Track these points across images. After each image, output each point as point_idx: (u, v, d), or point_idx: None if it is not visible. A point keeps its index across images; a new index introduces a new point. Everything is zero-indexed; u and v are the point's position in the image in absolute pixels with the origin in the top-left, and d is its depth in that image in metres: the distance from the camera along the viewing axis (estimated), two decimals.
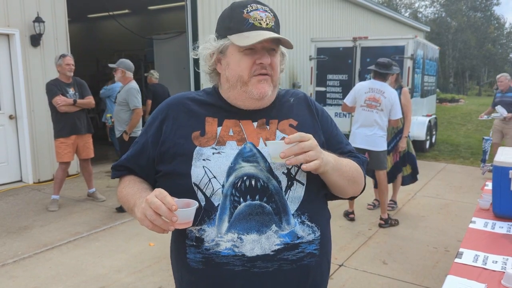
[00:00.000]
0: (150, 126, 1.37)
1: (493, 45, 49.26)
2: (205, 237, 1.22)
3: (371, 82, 4.82)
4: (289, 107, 1.38)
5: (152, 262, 3.88)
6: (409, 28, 21.14)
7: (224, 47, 1.29)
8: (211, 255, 1.21)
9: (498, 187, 2.58)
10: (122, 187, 1.37)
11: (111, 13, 12.02)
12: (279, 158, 1.17)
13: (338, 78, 9.51)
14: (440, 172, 7.70)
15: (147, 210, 1.09)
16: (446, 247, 4.25)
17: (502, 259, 2.05)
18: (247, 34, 1.23)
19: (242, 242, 1.20)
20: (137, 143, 1.39)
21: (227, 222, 1.21)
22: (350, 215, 5.05)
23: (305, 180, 1.29)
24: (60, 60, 5.27)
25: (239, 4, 1.28)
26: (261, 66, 1.26)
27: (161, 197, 1.09)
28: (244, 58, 1.26)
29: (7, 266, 3.84)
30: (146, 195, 1.19)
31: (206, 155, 1.25)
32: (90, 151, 5.61)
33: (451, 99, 27.33)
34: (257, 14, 1.26)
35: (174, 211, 1.07)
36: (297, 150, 1.16)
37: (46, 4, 6.68)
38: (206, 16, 9.10)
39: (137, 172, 1.38)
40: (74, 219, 5.05)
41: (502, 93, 7.49)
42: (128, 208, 1.30)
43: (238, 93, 1.30)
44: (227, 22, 1.28)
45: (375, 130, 4.71)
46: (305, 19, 12.71)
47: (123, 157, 1.42)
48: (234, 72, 1.28)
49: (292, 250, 1.23)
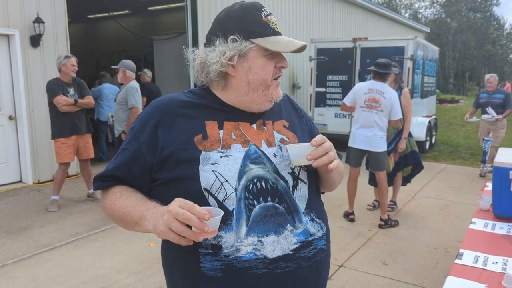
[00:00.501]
0: (140, 131, 1.28)
1: (493, 46, 49.28)
2: (223, 243, 1.18)
3: (371, 82, 4.82)
4: (278, 107, 1.40)
5: (152, 263, 3.88)
6: (409, 28, 21.15)
7: (246, 50, 1.25)
8: (231, 261, 1.18)
9: (498, 188, 2.58)
10: (113, 199, 1.27)
11: (111, 13, 12.03)
12: (301, 161, 1.24)
13: (338, 78, 9.51)
14: (440, 173, 7.70)
15: (173, 222, 1.04)
16: (446, 248, 4.25)
17: (502, 260, 2.05)
18: (275, 39, 1.26)
19: (263, 245, 1.19)
20: (127, 150, 1.29)
21: (245, 226, 1.20)
22: (350, 216, 5.05)
23: (306, 179, 1.33)
24: (66, 60, 5.27)
25: (253, 7, 1.28)
26: (280, 70, 1.31)
27: (189, 207, 1.04)
28: (268, 62, 1.27)
29: (7, 266, 3.84)
30: (152, 206, 1.16)
31: (214, 159, 1.22)
32: (90, 152, 5.61)
33: (451, 100, 27.34)
34: (273, 19, 1.29)
35: (206, 221, 1.03)
36: (322, 151, 1.23)
37: (46, 4, 6.68)
38: (206, 17, 9.10)
39: (129, 181, 1.29)
40: (73, 219, 5.05)
41: (488, 94, 7.38)
42: (130, 221, 1.22)
43: (259, 96, 1.29)
44: (248, 25, 1.25)
45: (375, 130, 4.71)
46: (305, 20, 12.72)
47: (110, 167, 1.31)
48: (259, 77, 1.27)
49: (307, 247, 1.26)
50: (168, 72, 11.13)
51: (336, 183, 1.47)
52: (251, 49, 1.25)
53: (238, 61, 1.26)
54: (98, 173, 1.34)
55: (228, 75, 1.28)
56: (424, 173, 7.30)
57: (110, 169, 1.31)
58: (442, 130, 13.28)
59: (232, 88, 1.30)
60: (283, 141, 1.34)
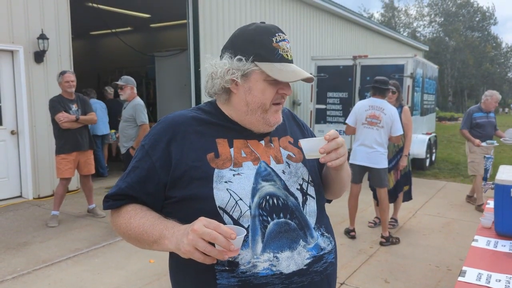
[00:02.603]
0: (153, 148, 1.27)
1: (491, 64, 49.69)
2: (239, 260, 1.20)
3: (371, 100, 4.86)
4: (282, 124, 1.40)
5: (152, 279, 3.85)
6: (408, 47, 21.38)
7: (249, 72, 1.26)
8: (248, 278, 1.19)
9: (500, 206, 2.59)
10: (127, 218, 1.25)
11: (113, 30, 12.16)
12: (314, 154, 1.27)
13: (338, 96, 9.58)
14: (441, 191, 7.69)
15: (199, 242, 1.05)
16: (448, 266, 4.22)
17: (506, 277, 2.05)
18: (280, 67, 1.25)
19: (278, 261, 1.21)
20: (139, 168, 1.28)
21: (261, 242, 1.21)
22: (351, 233, 5.03)
23: (315, 195, 1.36)
24: (60, 78, 5.34)
25: (267, 31, 1.28)
26: (282, 96, 1.30)
27: (214, 227, 1.05)
28: (269, 87, 1.27)
29: (6, 282, 3.80)
30: (172, 225, 1.16)
31: (227, 177, 1.23)
32: (91, 167, 5.61)
33: (450, 118, 27.48)
34: (284, 45, 1.28)
35: (232, 240, 1.04)
36: (335, 145, 1.24)
37: (50, 21, 6.77)
38: (207, 34, 9.22)
39: (142, 200, 1.28)
40: (73, 235, 5.03)
41: (485, 113, 6.42)
42: (148, 240, 1.20)
43: (256, 119, 1.30)
44: (255, 48, 1.26)
45: (376, 147, 4.72)
46: (305, 38, 12.87)
47: (122, 185, 1.29)
48: (257, 99, 1.28)
49: (319, 261, 1.29)
50: (169, 88, 11.20)
51: (345, 183, 1.48)
52: (253, 71, 1.26)
53: (243, 81, 1.28)
54: (109, 191, 1.32)
55: (231, 92, 1.31)
56: (424, 191, 7.30)
57: (123, 188, 1.29)
58: (442, 148, 13.31)
59: (233, 105, 1.32)
60: (290, 157, 1.36)
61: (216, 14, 9.50)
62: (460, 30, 49.27)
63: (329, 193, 1.51)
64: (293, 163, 1.35)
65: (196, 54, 9.02)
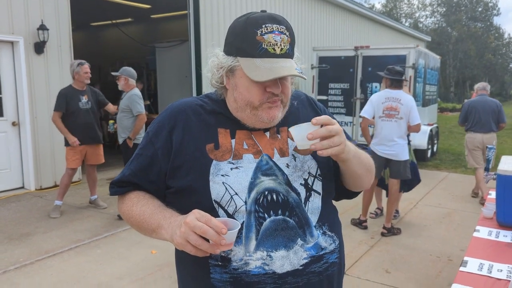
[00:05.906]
0: (156, 136, 1.26)
1: (493, 55, 49.42)
2: (232, 256, 1.17)
3: (386, 91, 4.78)
4: (295, 111, 1.33)
5: (154, 269, 3.87)
6: (410, 37, 21.25)
7: (233, 67, 1.20)
8: (240, 275, 1.16)
9: (502, 196, 2.59)
10: (131, 205, 1.26)
11: (114, 21, 12.10)
12: (304, 144, 1.13)
13: (340, 87, 9.54)
14: (442, 181, 7.69)
15: (190, 235, 1.02)
16: (449, 256, 4.24)
17: (507, 267, 2.05)
18: (259, 63, 1.14)
19: (272, 260, 1.17)
20: (142, 156, 1.27)
21: (255, 240, 1.17)
22: (364, 223, 5.04)
23: (321, 190, 1.29)
24: (78, 67, 5.28)
25: (254, 22, 1.16)
26: (272, 94, 1.19)
27: (206, 220, 1.02)
28: (253, 85, 1.17)
29: (9, 273, 3.83)
30: (170, 215, 1.15)
31: (225, 171, 1.19)
32: (99, 157, 5.65)
33: (452, 109, 27.36)
34: (271, 38, 1.14)
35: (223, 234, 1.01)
36: (325, 132, 1.10)
37: (50, 12, 6.73)
38: (208, 25, 9.16)
39: (145, 187, 1.28)
40: (75, 226, 5.05)
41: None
42: (147, 228, 1.20)
43: (248, 116, 1.22)
44: (239, 41, 1.17)
45: (397, 139, 4.67)
46: (307, 28, 12.79)
47: (127, 172, 1.29)
48: (243, 97, 1.20)
49: (318, 262, 1.23)
50: (170, 79, 11.18)
51: (362, 177, 1.33)
52: (236, 67, 1.19)
53: (229, 76, 1.22)
54: (114, 178, 1.33)
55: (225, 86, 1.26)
56: (426, 182, 7.30)
57: (127, 175, 1.29)
58: (444, 139, 13.28)
59: (227, 99, 1.27)
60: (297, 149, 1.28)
61: (217, 5, 9.44)
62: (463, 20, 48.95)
63: (349, 186, 1.40)
64: (301, 155, 1.28)
65: (197, 45, 8.97)
